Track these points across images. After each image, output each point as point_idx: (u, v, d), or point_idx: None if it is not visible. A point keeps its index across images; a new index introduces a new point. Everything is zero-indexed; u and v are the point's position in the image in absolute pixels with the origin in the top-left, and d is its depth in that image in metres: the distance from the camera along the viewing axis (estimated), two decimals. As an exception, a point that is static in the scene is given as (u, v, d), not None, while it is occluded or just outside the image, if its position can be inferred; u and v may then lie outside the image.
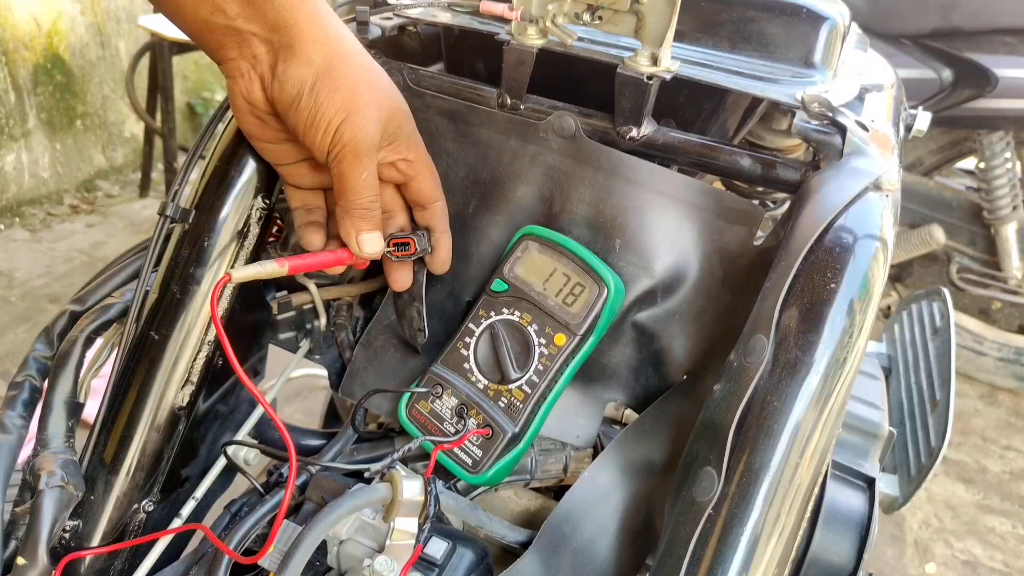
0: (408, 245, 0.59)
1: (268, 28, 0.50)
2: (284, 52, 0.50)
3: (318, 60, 0.50)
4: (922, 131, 0.72)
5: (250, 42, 0.51)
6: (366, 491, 0.51)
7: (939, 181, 2.51)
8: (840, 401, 0.46)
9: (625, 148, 0.58)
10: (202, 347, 0.61)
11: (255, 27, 0.50)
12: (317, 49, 0.51)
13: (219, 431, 0.71)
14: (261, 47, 0.51)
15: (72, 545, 0.58)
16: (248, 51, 0.51)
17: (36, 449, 0.59)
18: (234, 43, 0.51)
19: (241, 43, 0.51)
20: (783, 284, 0.47)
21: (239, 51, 0.51)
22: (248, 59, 0.51)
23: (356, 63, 0.52)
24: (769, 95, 0.56)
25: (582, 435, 0.63)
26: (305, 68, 0.50)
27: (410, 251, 0.59)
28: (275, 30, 0.50)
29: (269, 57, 0.51)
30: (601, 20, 0.55)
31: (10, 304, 2.45)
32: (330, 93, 0.51)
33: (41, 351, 0.65)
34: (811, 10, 0.59)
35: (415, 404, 0.61)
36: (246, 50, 0.51)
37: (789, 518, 0.44)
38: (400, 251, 0.59)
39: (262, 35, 0.50)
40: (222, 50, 0.52)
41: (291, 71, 0.50)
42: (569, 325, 0.58)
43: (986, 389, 2.47)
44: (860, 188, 0.50)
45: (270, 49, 0.51)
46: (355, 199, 0.54)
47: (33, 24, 2.85)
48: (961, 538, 1.94)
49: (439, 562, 0.52)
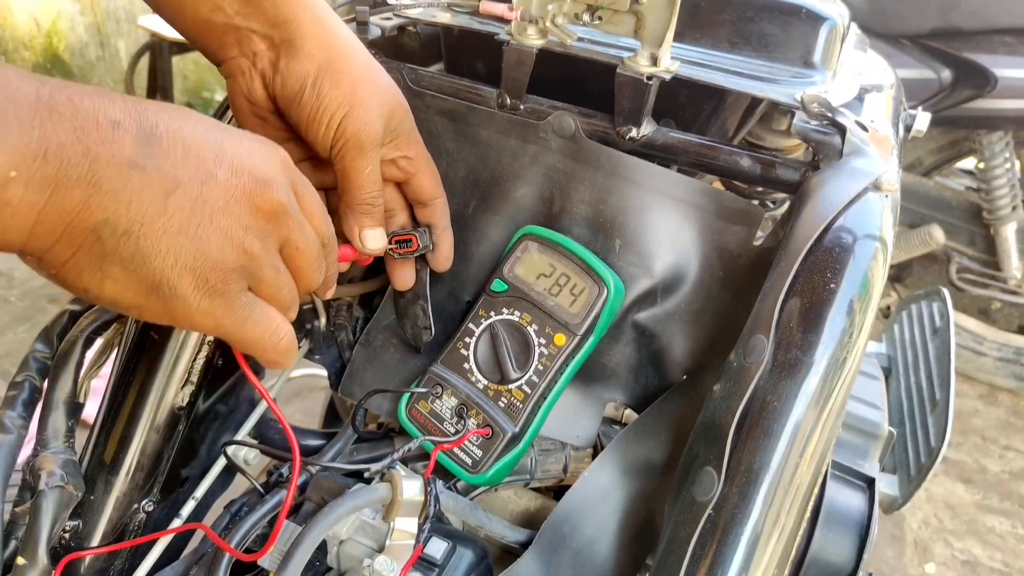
0: (410, 242, 0.59)
1: (268, 24, 0.50)
2: (285, 48, 0.51)
3: (319, 55, 0.51)
4: (922, 131, 0.72)
5: (250, 39, 0.51)
6: (366, 491, 0.51)
7: (939, 181, 2.51)
8: (840, 401, 0.46)
9: (625, 148, 0.58)
10: (202, 347, 0.61)
11: (255, 24, 0.50)
12: (318, 44, 0.51)
13: (219, 431, 0.71)
14: (261, 44, 0.51)
15: (72, 545, 0.58)
16: (248, 48, 0.51)
17: (36, 449, 0.59)
18: (234, 41, 0.51)
19: (241, 41, 0.51)
20: (783, 284, 0.47)
21: (239, 49, 0.51)
22: (248, 56, 0.51)
23: (357, 59, 0.52)
24: (769, 95, 0.56)
25: (582, 435, 0.63)
26: (307, 63, 0.50)
27: (413, 247, 0.59)
28: (275, 26, 0.50)
29: (270, 53, 0.51)
30: (601, 20, 0.55)
31: (10, 304, 2.45)
32: (332, 87, 0.51)
33: (41, 351, 0.65)
34: (811, 10, 0.59)
35: (415, 404, 0.61)
36: (246, 47, 0.51)
37: (789, 518, 0.44)
38: (403, 248, 0.59)
39: (262, 32, 0.50)
40: (222, 49, 0.52)
41: (293, 66, 0.51)
42: (569, 325, 0.58)
43: (986, 389, 2.47)
44: (860, 188, 0.50)
45: (270, 45, 0.51)
46: (359, 194, 0.54)
47: (33, 24, 2.85)
48: (961, 538, 1.94)
49: (439, 562, 0.52)
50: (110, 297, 0.39)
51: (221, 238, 0.39)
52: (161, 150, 0.37)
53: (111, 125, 0.36)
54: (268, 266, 0.42)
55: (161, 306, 0.40)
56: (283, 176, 0.43)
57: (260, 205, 0.41)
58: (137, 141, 0.37)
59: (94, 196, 0.35)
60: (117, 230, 0.37)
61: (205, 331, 0.43)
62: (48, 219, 0.35)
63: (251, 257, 0.41)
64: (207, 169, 0.39)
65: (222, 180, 0.39)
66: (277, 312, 0.44)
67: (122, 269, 0.38)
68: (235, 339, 0.43)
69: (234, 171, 0.40)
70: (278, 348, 0.45)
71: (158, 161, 0.37)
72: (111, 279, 0.38)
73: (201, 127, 0.40)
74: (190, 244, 0.38)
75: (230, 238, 0.40)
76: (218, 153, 0.40)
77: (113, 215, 0.36)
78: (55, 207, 0.35)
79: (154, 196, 0.37)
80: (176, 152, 0.38)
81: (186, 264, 0.39)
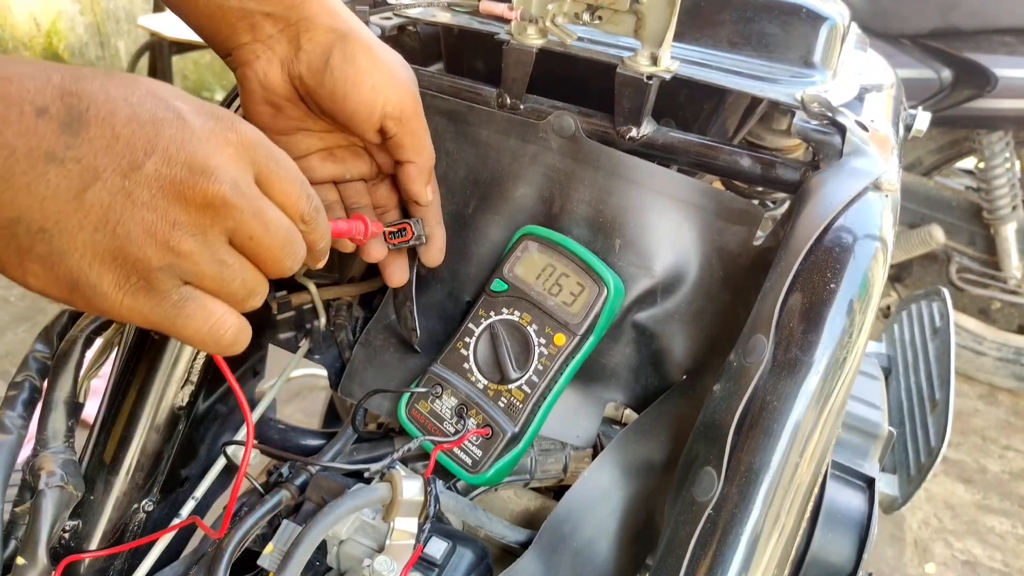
0: (404, 231, 0.58)
1: (283, 5, 0.50)
2: (303, 25, 0.51)
3: (340, 26, 0.51)
4: (922, 131, 0.72)
5: (263, 24, 0.51)
6: (366, 491, 0.51)
7: (939, 181, 2.51)
8: (840, 401, 0.46)
9: (625, 148, 0.58)
10: (202, 347, 0.60)
11: (269, 6, 0.50)
12: (335, 18, 0.51)
13: (219, 431, 0.71)
14: (275, 26, 0.51)
15: (72, 545, 0.58)
16: (262, 33, 0.51)
17: (36, 449, 0.59)
18: (247, 26, 0.51)
19: (254, 26, 0.51)
20: (783, 284, 0.47)
21: (252, 34, 0.51)
22: (263, 40, 0.51)
23: (370, 33, 0.53)
24: (769, 95, 0.56)
25: (582, 435, 0.63)
26: (329, 35, 0.51)
27: (407, 237, 0.58)
28: (290, 7, 0.50)
29: (286, 35, 0.51)
30: (601, 20, 0.55)
31: (10, 304, 2.45)
32: (363, 55, 0.50)
33: (41, 351, 0.65)
34: (811, 10, 0.59)
35: (415, 404, 0.61)
36: (260, 32, 0.51)
37: (789, 518, 0.44)
38: (397, 238, 0.58)
39: (277, 13, 0.50)
40: (234, 35, 0.51)
41: (317, 39, 0.51)
42: (569, 325, 0.58)
43: (986, 389, 2.47)
44: (860, 188, 0.50)
45: (286, 27, 0.51)
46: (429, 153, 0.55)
47: (32, 24, 2.85)
48: (961, 538, 1.95)
49: (439, 562, 0.52)
50: (36, 290, 0.38)
51: (143, 235, 0.36)
52: (86, 139, 0.35)
53: (36, 113, 0.34)
54: (207, 262, 0.39)
55: (85, 302, 0.38)
56: (232, 161, 0.39)
57: (192, 198, 0.37)
58: (61, 130, 0.34)
59: (6, 192, 0.34)
60: (32, 228, 0.35)
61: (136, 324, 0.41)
62: None
63: (179, 255, 0.38)
64: (133, 159, 0.36)
65: (149, 171, 0.36)
66: (220, 304, 0.41)
67: (40, 266, 0.36)
68: (169, 333, 0.41)
69: (166, 160, 0.36)
70: (220, 342, 0.42)
71: (79, 152, 0.35)
72: (32, 275, 0.37)
73: (144, 107, 0.37)
74: (108, 241, 0.36)
75: (153, 236, 0.37)
76: (151, 139, 0.36)
77: (27, 212, 0.34)
78: None
79: (70, 191, 0.35)
80: (102, 139, 0.35)
81: (104, 262, 0.37)
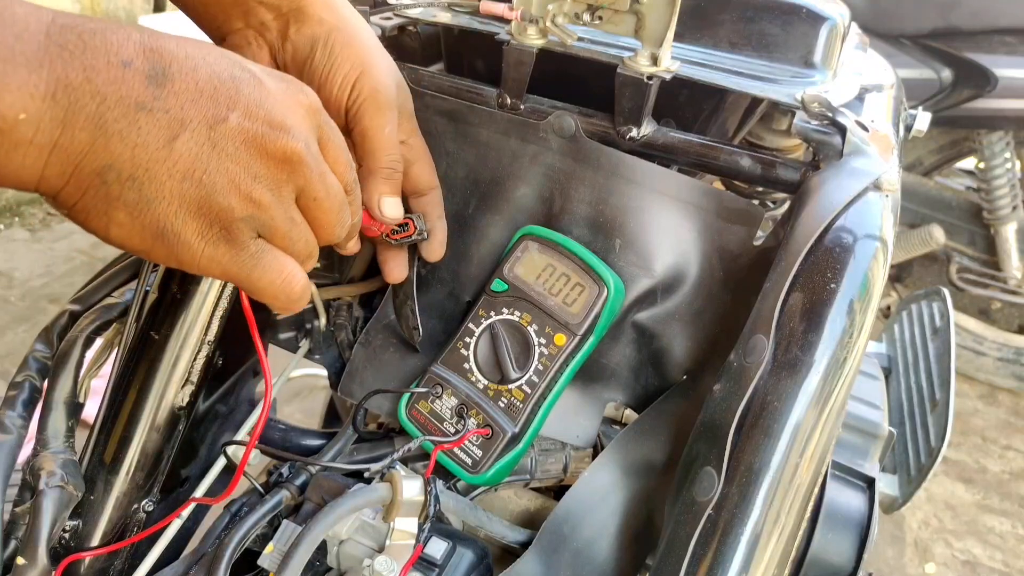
0: (407, 226, 0.58)
1: None
2: (294, 15, 0.51)
3: (330, 19, 0.51)
4: (922, 131, 0.72)
5: (256, 10, 0.51)
6: (366, 491, 0.51)
7: (939, 181, 2.51)
8: (840, 401, 0.46)
9: (625, 148, 0.58)
10: (202, 347, 0.61)
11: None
12: (327, 10, 0.51)
13: (219, 431, 0.71)
14: (268, 14, 0.51)
15: (72, 545, 0.58)
16: (255, 19, 0.51)
17: (36, 449, 0.59)
18: (240, 12, 0.51)
19: (248, 12, 0.51)
20: (783, 284, 0.47)
21: (245, 20, 0.51)
22: (255, 27, 0.51)
23: (363, 27, 0.53)
24: (769, 95, 0.56)
25: (582, 435, 0.63)
26: (317, 27, 0.51)
27: (409, 232, 0.58)
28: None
29: (278, 23, 0.51)
30: (601, 20, 0.55)
31: (10, 304, 2.45)
32: (344, 47, 0.50)
33: (41, 351, 0.65)
34: (811, 10, 0.59)
35: (415, 404, 0.61)
36: (252, 19, 0.51)
37: (789, 518, 0.44)
38: (399, 233, 0.58)
39: (270, 1, 0.51)
40: (228, 22, 0.51)
41: (304, 31, 0.51)
42: (569, 325, 0.58)
43: (986, 389, 2.47)
44: (860, 188, 0.50)
45: (278, 15, 0.51)
46: (381, 156, 0.52)
47: (33, 24, 2.85)
48: (961, 538, 1.95)
49: (439, 562, 0.52)
50: (116, 241, 0.38)
51: (228, 185, 0.38)
52: (172, 91, 0.36)
53: (122, 64, 0.35)
54: (280, 217, 0.40)
55: (167, 251, 0.39)
56: (304, 122, 0.41)
57: (272, 152, 0.39)
58: (148, 82, 0.35)
59: (100, 139, 0.35)
60: (122, 175, 0.36)
61: (212, 276, 0.42)
62: (57, 161, 0.35)
63: (260, 207, 0.39)
64: (218, 112, 0.37)
65: (233, 124, 0.37)
66: (290, 259, 0.42)
67: (127, 215, 0.37)
68: (243, 285, 0.42)
69: (248, 115, 0.38)
70: (290, 296, 0.43)
71: (167, 103, 0.36)
72: (116, 224, 0.37)
73: (221, 65, 0.38)
74: (194, 190, 0.37)
75: (237, 186, 0.38)
76: (232, 96, 0.38)
77: (118, 160, 0.35)
78: (63, 149, 0.34)
79: (160, 139, 0.36)
80: (187, 93, 0.36)
81: (190, 211, 0.37)
